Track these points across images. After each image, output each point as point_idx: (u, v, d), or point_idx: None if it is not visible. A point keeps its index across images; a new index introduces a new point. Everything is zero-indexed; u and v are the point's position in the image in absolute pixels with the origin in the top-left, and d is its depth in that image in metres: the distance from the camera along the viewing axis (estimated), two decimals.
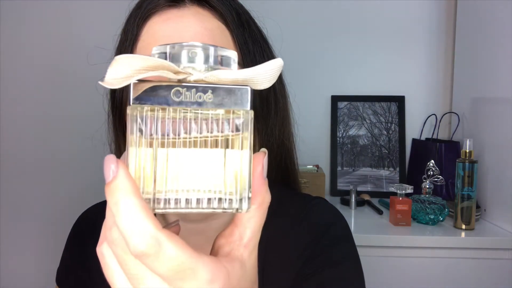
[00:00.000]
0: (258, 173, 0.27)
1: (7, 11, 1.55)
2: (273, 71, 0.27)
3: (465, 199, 1.16)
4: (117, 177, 0.24)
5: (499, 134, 1.21)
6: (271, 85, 0.28)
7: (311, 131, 1.57)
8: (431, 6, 1.56)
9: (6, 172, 1.57)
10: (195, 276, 0.23)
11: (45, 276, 1.52)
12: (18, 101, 1.57)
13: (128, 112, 0.25)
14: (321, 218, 0.58)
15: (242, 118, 0.25)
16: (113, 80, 0.25)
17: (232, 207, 0.25)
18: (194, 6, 0.49)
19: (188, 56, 0.26)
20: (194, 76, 0.26)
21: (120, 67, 0.25)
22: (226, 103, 0.25)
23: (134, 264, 0.24)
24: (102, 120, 0.64)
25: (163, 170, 0.25)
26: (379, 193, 1.50)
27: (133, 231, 0.23)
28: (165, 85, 0.25)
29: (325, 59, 1.58)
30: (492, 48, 1.26)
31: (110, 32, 0.60)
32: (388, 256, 1.12)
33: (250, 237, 0.27)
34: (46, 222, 1.56)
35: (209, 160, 0.25)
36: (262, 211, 0.27)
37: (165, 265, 0.23)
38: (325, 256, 0.53)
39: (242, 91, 0.26)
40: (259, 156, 0.27)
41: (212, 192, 0.25)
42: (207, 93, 0.25)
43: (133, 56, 0.25)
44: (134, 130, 0.24)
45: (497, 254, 1.11)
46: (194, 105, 0.25)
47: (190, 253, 0.23)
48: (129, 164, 0.24)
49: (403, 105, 1.55)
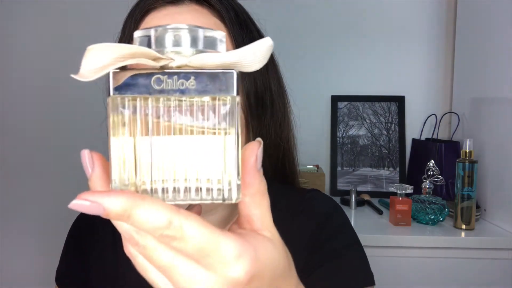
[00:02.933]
0: (252, 163, 0.26)
1: (6, 9, 1.55)
2: (262, 51, 0.26)
3: (465, 199, 1.16)
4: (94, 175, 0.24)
5: (499, 134, 1.21)
6: (261, 66, 0.26)
7: (311, 131, 1.57)
8: (431, 6, 1.56)
9: (6, 172, 1.57)
10: (221, 252, 0.23)
11: (45, 276, 1.51)
12: (18, 100, 1.57)
13: (108, 103, 0.24)
14: (320, 208, 0.60)
15: (228, 105, 0.24)
16: (87, 72, 0.24)
17: (221, 197, 0.24)
18: (193, 4, 0.50)
19: (172, 39, 0.25)
20: (176, 61, 0.25)
21: (95, 57, 0.24)
22: (210, 89, 0.24)
23: (161, 255, 0.24)
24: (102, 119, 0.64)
25: (146, 160, 0.24)
26: (379, 193, 1.50)
27: (153, 220, 0.22)
28: (145, 73, 0.24)
29: (325, 59, 1.58)
30: (492, 48, 1.26)
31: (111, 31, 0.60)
32: (388, 256, 1.12)
33: (261, 220, 0.27)
34: (46, 222, 1.56)
35: (195, 148, 0.24)
36: (259, 197, 0.26)
37: (190, 244, 0.23)
38: (329, 246, 0.55)
39: (227, 75, 0.24)
40: (253, 145, 0.26)
41: (199, 181, 0.24)
42: (190, 80, 0.24)
43: (107, 44, 0.24)
44: (115, 120, 0.24)
45: (497, 254, 1.11)
46: (176, 92, 0.24)
47: (211, 230, 0.23)
48: (111, 155, 0.24)
49: (403, 105, 1.55)
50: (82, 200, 0.22)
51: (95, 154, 0.25)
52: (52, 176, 1.57)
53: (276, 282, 0.27)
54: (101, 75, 0.24)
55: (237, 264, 0.24)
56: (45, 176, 1.58)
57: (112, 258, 0.59)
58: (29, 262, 1.57)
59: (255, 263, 0.24)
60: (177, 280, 0.24)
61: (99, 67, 0.24)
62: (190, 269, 0.24)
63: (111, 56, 0.24)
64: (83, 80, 0.24)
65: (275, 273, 0.26)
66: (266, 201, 0.27)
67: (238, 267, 0.24)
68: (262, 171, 0.27)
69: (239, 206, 0.27)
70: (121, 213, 0.22)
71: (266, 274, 0.25)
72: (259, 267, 0.25)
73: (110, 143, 0.24)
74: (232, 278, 0.24)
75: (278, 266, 0.27)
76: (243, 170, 0.25)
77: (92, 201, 0.22)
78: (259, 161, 0.26)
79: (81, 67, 0.24)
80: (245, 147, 0.26)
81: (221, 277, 0.24)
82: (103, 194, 0.22)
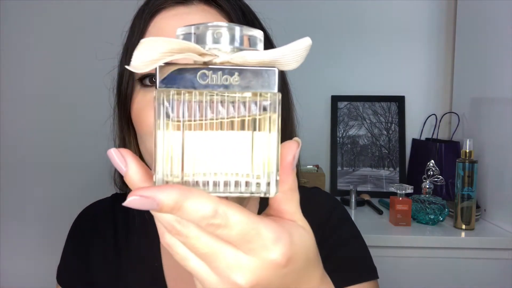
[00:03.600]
0: (288, 162, 0.27)
1: (9, 7, 1.55)
2: (300, 51, 0.26)
3: (465, 199, 1.16)
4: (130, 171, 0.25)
5: (499, 134, 1.21)
6: (298, 65, 0.27)
7: (311, 131, 1.57)
8: (431, 6, 1.56)
9: (6, 172, 1.57)
10: (260, 236, 0.25)
11: (45, 276, 1.51)
12: (18, 100, 1.57)
13: (154, 95, 0.25)
14: (322, 205, 0.62)
15: (270, 101, 0.25)
16: (139, 64, 0.25)
17: (259, 191, 0.25)
18: (201, 4, 0.51)
19: (213, 36, 0.26)
20: (220, 58, 0.26)
21: (146, 50, 0.25)
22: (253, 86, 0.25)
23: (203, 243, 0.25)
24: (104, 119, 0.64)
25: (190, 153, 0.25)
26: (379, 193, 1.50)
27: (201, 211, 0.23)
28: (191, 67, 0.25)
29: (325, 59, 1.58)
30: (492, 48, 1.26)
31: (117, 30, 0.61)
32: (388, 256, 1.12)
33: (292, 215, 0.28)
34: (46, 222, 1.56)
35: (236, 143, 0.25)
36: (290, 194, 0.27)
37: (234, 231, 0.24)
38: (333, 239, 0.57)
39: (269, 73, 0.25)
40: (292, 144, 0.27)
41: (239, 175, 0.25)
42: (234, 76, 0.25)
43: (158, 38, 0.25)
44: (161, 113, 0.24)
45: (497, 254, 1.11)
46: (220, 88, 0.25)
47: (251, 216, 0.25)
48: (157, 147, 0.24)
49: (403, 105, 1.55)
50: (137, 196, 0.23)
51: (124, 151, 0.26)
52: (52, 176, 1.57)
53: (307, 267, 0.28)
54: (152, 68, 0.25)
55: (275, 247, 0.25)
56: (45, 176, 1.57)
57: (113, 256, 0.59)
58: (29, 262, 1.57)
59: (291, 246, 0.26)
60: (218, 266, 0.25)
61: (151, 60, 0.25)
62: (231, 254, 0.25)
63: (162, 50, 0.25)
64: (136, 71, 0.25)
65: (308, 258, 0.28)
66: (297, 197, 0.28)
67: (276, 250, 0.25)
68: (296, 170, 0.28)
69: (271, 200, 0.28)
70: (173, 206, 0.23)
71: (300, 258, 0.27)
72: (295, 250, 0.26)
73: (155, 136, 0.24)
74: (271, 261, 0.25)
75: (310, 251, 0.28)
76: (280, 167, 0.26)
77: (146, 197, 0.23)
78: (295, 160, 0.27)
79: (133, 59, 0.25)
80: (283, 144, 0.27)
81: (261, 260, 0.25)
82: (155, 189, 0.23)
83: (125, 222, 0.61)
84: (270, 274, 0.25)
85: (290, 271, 0.26)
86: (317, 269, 0.30)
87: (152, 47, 0.25)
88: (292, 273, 0.27)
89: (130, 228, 0.61)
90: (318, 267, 0.30)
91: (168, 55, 0.25)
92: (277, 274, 0.26)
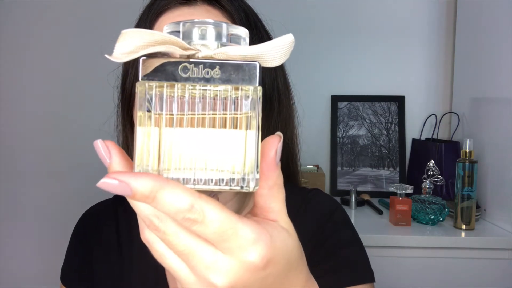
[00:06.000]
0: (271, 157, 0.26)
1: (10, 7, 1.55)
2: (284, 47, 0.27)
3: (465, 199, 1.16)
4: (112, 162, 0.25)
5: (499, 134, 1.21)
6: (282, 62, 0.27)
7: (311, 131, 1.57)
8: (431, 6, 1.56)
9: (6, 172, 1.57)
10: (239, 236, 0.24)
11: (45, 276, 1.52)
12: (18, 100, 1.57)
13: (136, 88, 0.25)
14: (322, 206, 0.61)
15: (250, 95, 0.25)
16: (120, 54, 0.25)
17: (238, 186, 0.25)
18: (205, 5, 0.52)
19: (199, 33, 0.26)
20: (203, 52, 0.26)
21: (128, 41, 0.25)
22: (233, 79, 0.25)
23: (181, 240, 0.24)
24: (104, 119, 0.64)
25: (169, 149, 0.25)
26: (379, 193, 1.50)
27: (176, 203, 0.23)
28: (173, 61, 0.25)
29: (325, 59, 1.58)
30: (492, 48, 1.26)
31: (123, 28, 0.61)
32: (388, 256, 1.12)
33: (277, 212, 0.27)
34: (46, 222, 1.56)
35: (216, 139, 0.25)
36: (276, 190, 0.27)
37: (210, 228, 0.24)
38: (332, 242, 0.57)
39: (250, 66, 0.25)
40: (273, 139, 0.27)
41: (219, 170, 0.25)
42: (215, 69, 0.25)
43: (140, 30, 0.25)
44: (142, 107, 0.25)
45: (497, 254, 1.11)
46: (201, 81, 0.25)
47: (230, 215, 0.24)
48: (136, 141, 0.25)
49: (403, 105, 1.55)
50: (111, 179, 0.23)
51: (109, 142, 0.26)
52: (52, 176, 1.57)
53: (289, 271, 0.28)
54: (131, 58, 0.25)
55: (254, 248, 0.24)
56: (45, 176, 1.57)
57: (116, 257, 0.60)
58: (29, 262, 1.57)
59: (271, 249, 0.25)
60: (195, 265, 0.25)
61: (131, 51, 0.25)
62: (208, 253, 0.25)
63: (143, 41, 0.25)
64: (116, 61, 0.25)
65: (289, 261, 0.27)
66: (282, 194, 0.28)
67: (254, 252, 0.24)
68: (280, 165, 0.27)
69: (256, 197, 0.27)
70: (147, 195, 0.23)
71: (280, 261, 0.26)
72: (274, 253, 0.25)
73: (136, 131, 0.25)
74: (249, 262, 0.24)
75: (292, 254, 0.27)
76: (263, 163, 0.26)
77: (120, 180, 0.22)
78: (278, 155, 0.26)
79: (114, 49, 0.25)
80: (265, 140, 0.27)
81: (238, 261, 0.24)
82: (131, 175, 0.23)
83: (127, 223, 0.62)
84: (248, 276, 0.25)
85: (269, 274, 0.26)
86: (301, 273, 0.29)
87: (133, 38, 0.25)
88: (271, 276, 0.26)
89: (133, 229, 0.61)
90: (301, 271, 0.29)
91: (150, 45, 0.25)
92: (256, 276, 0.25)
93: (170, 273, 0.26)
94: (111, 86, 0.60)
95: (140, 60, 0.25)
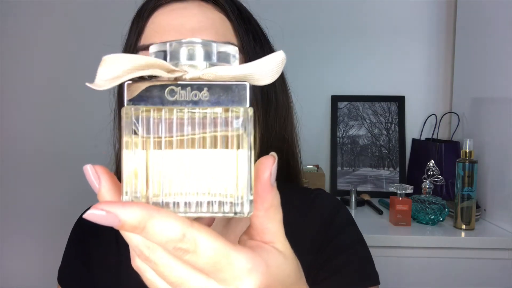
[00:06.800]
0: (266, 179, 0.25)
1: (10, 7, 1.55)
2: (274, 65, 0.26)
3: (465, 199, 1.16)
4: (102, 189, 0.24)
5: (499, 134, 1.21)
6: (273, 80, 0.26)
7: (311, 131, 1.57)
8: (431, 6, 1.56)
9: (6, 172, 1.57)
10: (233, 266, 0.23)
11: (45, 276, 1.52)
12: (18, 100, 1.57)
13: (122, 113, 0.24)
14: (325, 207, 0.61)
15: (241, 117, 0.24)
16: (103, 81, 0.24)
17: (233, 211, 0.24)
18: (197, 0, 0.51)
19: (187, 53, 0.25)
20: (190, 73, 0.25)
21: (110, 67, 0.24)
22: (223, 101, 0.24)
23: (172, 270, 0.24)
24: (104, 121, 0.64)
25: (158, 173, 0.24)
26: (379, 193, 1.50)
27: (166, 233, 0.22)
28: (159, 84, 0.24)
29: (325, 59, 1.58)
30: (492, 48, 1.26)
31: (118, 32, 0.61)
32: (388, 256, 1.12)
33: (274, 234, 0.27)
34: (46, 222, 1.56)
35: (207, 162, 0.24)
36: (272, 211, 0.26)
37: (203, 258, 0.23)
38: (336, 242, 0.56)
39: (239, 87, 0.24)
40: (267, 160, 0.25)
41: (211, 195, 0.24)
42: (203, 91, 0.24)
43: (122, 55, 0.24)
44: (128, 131, 0.24)
45: (497, 254, 1.11)
46: (189, 104, 0.24)
47: (224, 243, 0.23)
48: (123, 167, 0.24)
49: (403, 105, 1.55)
50: (98, 210, 0.22)
51: (99, 168, 0.25)
52: (52, 176, 1.57)
53: None
54: (115, 85, 0.24)
55: (249, 278, 0.24)
56: (45, 176, 1.57)
57: (115, 259, 0.59)
58: (29, 262, 1.57)
59: (266, 277, 0.24)
60: None
61: (114, 77, 0.24)
62: (201, 283, 0.24)
63: (127, 66, 0.24)
64: (98, 89, 0.25)
65: (285, 285, 0.26)
66: (279, 215, 0.27)
67: (249, 281, 0.24)
68: (276, 185, 0.26)
69: (252, 219, 0.27)
70: (136, 225, 0.22)
71: (277, 287, 0.25)
72: (270, 280, 0.25)
73: (122, 155, 0.24)
74: None
75: (289, 279, 0.27)
76: (257, 184, 0.25)
77: (107, 211, 0.22)
78: (273, 176, 0.25)
79: (96, 76, 0.24)
80: (259, 160, 0.26)
81: None
82: (118, 205, 0.22)
83: None
84: None
85: None
86: None
87: (116, 64, 0.24)
88: None
89: None
90: None
91: (134, 70, 0.24)
92: None
93: None
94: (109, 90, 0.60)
95: (125, 84, 0.24)
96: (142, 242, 0.24)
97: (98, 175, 0.25)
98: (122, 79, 0.24)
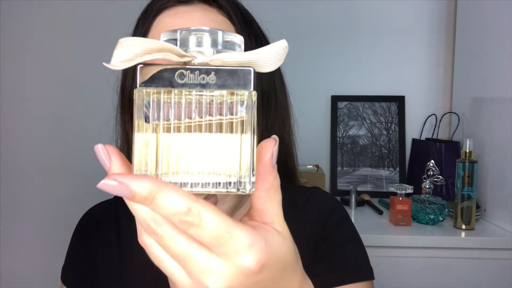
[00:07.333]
0: (267, 160, 0.27)
1: (10, 7, 1.55)
2: (277, 52, 0.27)
3: (465, 199, 1.16)
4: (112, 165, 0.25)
5: (499, 134, 1.21)
6: (276, 67, 0.28)
7: (311, 131, 1.57)
8: (431, 6, 1.56)
9: (6, 172, 1.57)
10: (234, 240, 0.24)
11: (45, 276, 1.52)
12: (18, 100, 1.57)
13: (134, 95, 0.25)
14: (322, 204, 0.62)
15: (245, 100, 0.26)
16: (119, 62, 0.26)
17: (235, 188, 0.26)
18: (202, 4, 0.53)
19: (195, 40, 0.27)
20: (199, 59, 0.27)
21: (126, 49, 0.26)
22: (229, 85, 0.26)
23: (177, 244, 0.25)
24: (104, 120, 0.64)
25: (167, 154, 0.25)
26: (379, 193, 1.50)
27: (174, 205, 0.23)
28: (170, 68, 0.26)
29: (325, 59, 1.58)
30: (492, 48, 1.26)
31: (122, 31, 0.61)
32: (388, 256, 1.12)
33: (273, 214, 0.28)
34: (46, 222, 1.56)
35: (213, 144, 0.26)
36: (272, 192, 0.27)
37: (206, 232, 0.24)
38: (332, 239, 0.58)
39: (244, 72, 0.26)
40: (269, 142, 0.27)
41: (216, 174, 0.26)
42: (210, 75, 0.26)
43: (137, 38, 0.26)
44: (140, 114, 0.25)
45: (497, 254, 1.11)
46: (197, 86, 0.26)
47: (226, 219, 0.25)
48: (134, 147, 0.25)
49: (403, 105, 1.55)
50: (111, 180, 0.23)
51: (110, 147, 0.26)
52: (52, 177, 1.57)
53: (284, 274, 0.28)
54: (129, 66, 0.26)
55: (249, 253, 0.25)
56: (45, 176, 1.57)
57: (117, 257, 0.60)
58: (29, 262, 1.57)
59: (265, 254, 0.26)
60: (191, 269, 0.25)
61: (128, 58, 0.26)
62: (205, 257, 0.25)
63: (141, 48, 0.26)
64: (114, 68, 0.26)
65: (284, 265, 0.28)
66: (279, 196, 0.28)
67: (249, 256, 0.25)
68: (277, 167, 0.28)
69: (253, 200, 0.28)
70: (146, 196, 0.23)
71: (275, 265, 0.27)
72: (269, 258, 0.26)
73: (134, 136, 0.25)
74: (244, 267, 0.25)
75: (286, 258, 0.28)
76: (259, 165, 0.27)
77: (120, 182, 0.23)
78: (274, 158, 0.27)
79: (112, 57, 0.26)
80: (261, 143, 0.27)
81: (233, 266, 0.25)
82: (130, 177, 0.23)
83: (128, 223, 0.62)
84: (242, 280, 0.25)
85: (263, 279, 0.26)
86: (296, 276, 0.30)
87: (131, 46, 0.26)
88: (266, 281, 0.27)
89: (134, 228, 0.61)
90: (296, 274, 0.30)
91: (147, 53, 0.26)
92: (250, 281, 0.26)
93: (167, 276, 0.27)
94: (111, 88, 0.60)
95: (138, 67, 0.26)
96: (150, 215, 0.25)
97: (108, 153, 0.26)
98: (136, 61, 0.26)
